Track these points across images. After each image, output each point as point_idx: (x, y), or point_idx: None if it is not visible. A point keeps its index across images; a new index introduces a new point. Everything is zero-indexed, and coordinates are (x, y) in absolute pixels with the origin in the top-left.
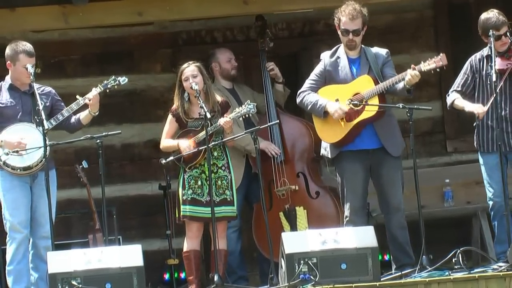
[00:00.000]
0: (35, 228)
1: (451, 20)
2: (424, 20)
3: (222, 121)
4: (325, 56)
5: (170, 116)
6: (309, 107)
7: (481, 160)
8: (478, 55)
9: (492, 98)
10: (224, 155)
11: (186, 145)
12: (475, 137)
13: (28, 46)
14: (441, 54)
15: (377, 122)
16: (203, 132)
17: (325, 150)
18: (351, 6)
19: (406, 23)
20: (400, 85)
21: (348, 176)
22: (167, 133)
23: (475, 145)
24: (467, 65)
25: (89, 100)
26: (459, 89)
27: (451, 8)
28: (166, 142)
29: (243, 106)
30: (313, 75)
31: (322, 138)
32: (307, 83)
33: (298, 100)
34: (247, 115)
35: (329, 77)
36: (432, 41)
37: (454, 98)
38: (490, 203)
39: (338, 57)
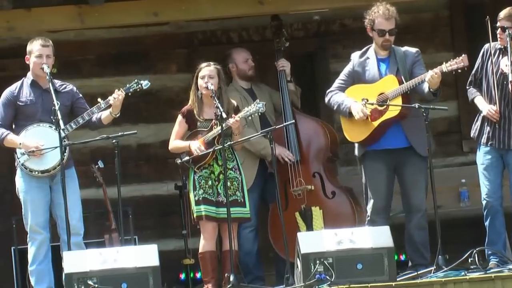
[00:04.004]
0: (62, 226)
1: (467, 20)
2: (440, 20)
3: (230, 121)
4: (355, 56)
5: (179, 117)
6: (335, 107)
7: (479, 157)
8: (492, 44)
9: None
10: (233, 157)
11: (197, 145)
12: (473, 125)
13: (43, 38)
14: (463, 55)
15: (406, 122)
16: (212, 132)
17: (357, 149)
18: (383, 7)
19: (422, 23)
20: (425, 87)
21: (371, 176)
22: (177, 134)
23: (471, 134)
24: (480, 53)
25: (112, 101)
26: (472, 79)
27: (467, 8)
28: (175, 143)
29: (251, 105)
30: (342, 75)
31: (348, 137)
32: (336, 82)
33: (326, 99)
34: (256, 114)
35: (357, 77)
36: (448, 41)
37: (473, 96)
38: (484, 202)
39: (368, 58)
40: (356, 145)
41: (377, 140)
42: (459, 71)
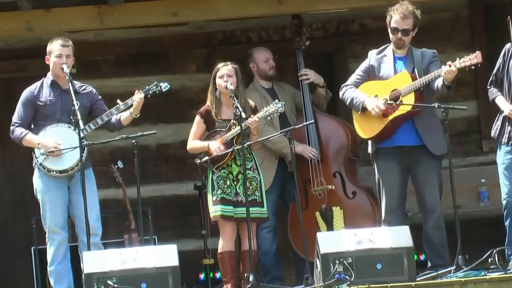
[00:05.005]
0: (79, 226)
1: (486, 19)
2: (459, 19)
3: (249, 120)
4: (372, 53)
5: (197, 117)
6: (348, 101)
7: (499, 157)
8: None
9: None
10: (251, 157)
11: (217, 146)
12: (493, 124)
13: (63, 38)
14: (476, 52)
15: (419, 120)
16: (231, 132)
17: (370, 147)
18: (404, 6)
19: (441, 23)
20: (439, 83)
21: (384, 174)
22: (195, 134)
23: (492, 134)
24: (501, 53)
25: (136, 102)
26: (493, 79)
27: (487, 8)
28: (194, 143)
29: (271, 105)
30: (358, 71)
31: (359, 133)
32: (352, 77)
33: (340, 93)
34: (275, 114)
35: (373, 73)
36: (467, 41)
37: (494, 96)
38: (504, 202)
39: (385, 55)
40: (370, 142)
41: (389, 136)
42: (473, 67)
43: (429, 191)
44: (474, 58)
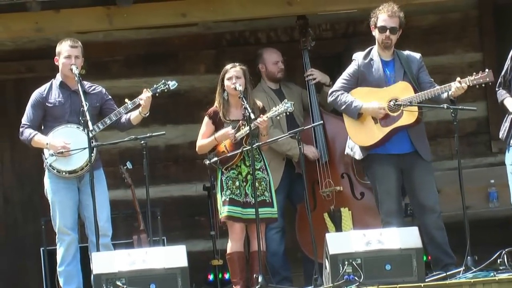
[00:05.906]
0: (89, 227)
1: (496, 20)
2: (468, 20)
3: (258, 120)
4: (359, 57)
5: (206, 118)
6: (342, 107)
7: (508, 158)
8: None
9: None
10: (261, 157)
11: (225, 131)
12: (502, 126)
13: (72, 39)
14: (487, 70)
15: (411, 128)
16: (241, 132)
17: (352, 150)
18: (389, 6)
19: (451, 23)
20: (444, 94)
21: (381, 179)
22: (203, 135)
23: (500, 135)
24: (509, 55)
25: (143, 101)
26: (502, 80)
27: (496, 8)
28: (202, 141)
29: (280, 105)
30: (345, 75)
31: (354, 140)
32: (339, 82)
33: (330, 99)
34: (285, 114)
35: (362, 78)
36: (476, 41)
37: (503, 97)
38: None
39: (372, 59)
40: (355, 146)
41: (383, 144)
42: (483, 85)
43: (427, 192)
44: (485, 77)
